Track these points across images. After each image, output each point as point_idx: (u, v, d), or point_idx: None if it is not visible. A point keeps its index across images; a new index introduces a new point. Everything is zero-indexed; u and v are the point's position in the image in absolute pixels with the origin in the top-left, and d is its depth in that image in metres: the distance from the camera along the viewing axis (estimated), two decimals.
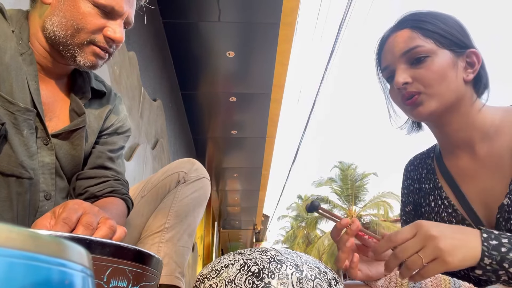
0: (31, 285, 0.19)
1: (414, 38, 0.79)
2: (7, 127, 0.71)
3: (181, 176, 1.00)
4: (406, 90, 0.78)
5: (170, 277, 0.92)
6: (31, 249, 0.20)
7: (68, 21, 0.75)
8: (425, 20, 0.79)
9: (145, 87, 3.09)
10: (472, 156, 0.82)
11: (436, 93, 0.77)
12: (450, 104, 0.78)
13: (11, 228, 0.19)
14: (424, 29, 0.78)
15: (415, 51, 0.78)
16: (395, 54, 0.80)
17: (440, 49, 0.78)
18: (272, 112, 5.29)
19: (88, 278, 0.25)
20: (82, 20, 0.75)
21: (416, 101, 0.78)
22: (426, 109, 0.78)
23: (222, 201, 9.88)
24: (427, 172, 0.93)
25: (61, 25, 0.76)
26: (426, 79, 0.77)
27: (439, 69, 0.76)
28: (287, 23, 3.66)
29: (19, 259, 0.19)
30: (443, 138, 0.86)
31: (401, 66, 0.79)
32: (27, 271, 0.19)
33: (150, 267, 0.47)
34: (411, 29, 0.80)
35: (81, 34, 0.76)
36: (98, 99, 0.93)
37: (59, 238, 0.23)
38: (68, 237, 0.43)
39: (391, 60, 0.82)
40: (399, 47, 0.80)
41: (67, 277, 0.22)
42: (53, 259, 0.21)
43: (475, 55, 0.79)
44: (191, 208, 0.98)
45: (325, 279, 0.66)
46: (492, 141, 0.79)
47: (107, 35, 0.78)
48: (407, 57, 0.79)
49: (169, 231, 0.94)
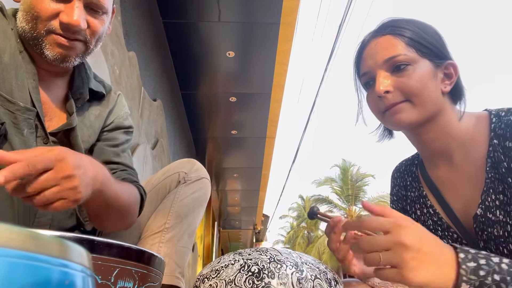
0: (31, 285, 0.19)
1: (396, 46, 0.76)
2: (7, 127, 0.71)
3: (181, 176, 1.00)
4: (386, 99, 0.76)
5: (170, 277, 0.92)
6: (31, 249, 0.20)
7: (27, 13, 0.73)
8: (407, 28, 0.77)
9: (145, 87, 3.09)
10: (450, 165, 0.81)
11: (419, 102, 0.75)
12: (430, 114, 0.76)
13: (11, 228, 0.19)
14: (406, 37, 0.76)
15: (397, 59, 0.75)
16: (377, 60, 0.78)
17: (421, 59, 0.76)
18: (272, 112, 5.29)
19: (88, 278, 0.25)
20: (35, 8, 0.72)
21: (397, 109, 0.76)
22: (407, 118, 0.76)
23: (222, 201, 9.88)
24: (412, 180, 0.92)
25: (24, 18, 0.74)
26: (407, 88, 0.74)
27: (420, 78, 0.74)
28: (287, 23, 3.66)
29: (19, 259, 0.19)
30: (421, 146, 0.85)
31: (381, 73, 0.77)
32: (27, 271, 0.19)
33: (154, 267, 0.48)
34: (394, 36, 0.77)
35: (38, 24, 0.73)
36: (97, 99, 0.93)
37: (59, 238, 0.23)
38: (75, 237, 0.43)
39: (372, 66, 0.79)
40: (381, 53, 0.77)
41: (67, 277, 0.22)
42: (53, 259, 0.21)
43: (452, 66, 0.78)
44: (191, 209, 0.98)
45: (325, 279, 0.66)
46: (467, 149, 0.78)
47: (61, 20, 0.72)
48: (388, 65, 0.77)
49: (169, 232, 0.94)
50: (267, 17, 3.56)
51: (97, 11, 0.77)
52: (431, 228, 0.85)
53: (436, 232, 0.84)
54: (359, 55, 0.85)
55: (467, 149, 0.78)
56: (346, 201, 21.95)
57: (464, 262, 0.55)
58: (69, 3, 0.72)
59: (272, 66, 4.29)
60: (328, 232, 0.72)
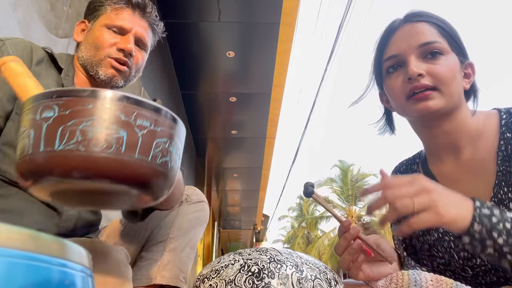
0: (31, 285, 0.19)
1: (433, 33, 0.78)
2: None
3: (183, 198, 1.06)
4: (417, 82, 0.75)
5: (175, 280, 0.96)
6: (31, 249, 0.20)
7: (90, 45, 0.94)
8: (441, 20, 0.80)
9: (145, 87, 3.09)
10: (456, 161, 0.82)
11: (448, 92, 0.75)
12: (453, 106, 0.77)
13: (11, 228, 0.19)
14: (441, 28, 0.78)
15: (434, 45, 0.76)
16: (412, 43, 0.77)
17: (451, 52, 0.78)
18: (272, 112, 5.29)
19: (88, 278, 0.25)
20: (98, 40, 0.93)
21: (425, 96, 0.75)
22: (434, 106, 0.75)
23: (222, 201, 9.88)
24: None
25: (86, 50, 0.94)
26: (440, 75, 0.75)
27: (453, 68, 0.76)
28: (287, 23, 3.67)
29: (19, 259, 0.19)
30: (430, 140, 0.85)
31: (414, 57, 0.77)
32: (27, 271, 0.19)
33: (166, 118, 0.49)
34: (429, 24, 0.79)
35: (99, 51, 0.93)
36: None
37: (59, 238, 0.23)
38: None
39: (404, 49, 0.78)
40: (417, 37, 0.77)
41: (67, 277, 0.22)
42: (53, 259, 0.21)
43: (471, 67, 0.81)
44: (193, 225, 1.04)
45: (325, 279, 0.67)
46: (475, 145, 0.79)
47: (117, 47, 0.93)
48: (422, 50, 0.77)
49: (172, 242, 0.99)
50: (267, 17, 3.56)
51: (141, 47, 0.98)
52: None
53: (438, 229, 0.83)
54: (386, 38, 0.83)
55: (476, 145, 0.79)
56: (346, 201, 21.95)
57: (479, 208, 0.60)
58: (125, 36, 0.94)
59: (272, 66, 4.29)
60: (340, 235, 0.73)
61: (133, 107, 0.45)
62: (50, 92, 0.44)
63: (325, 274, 0.68)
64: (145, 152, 0.45)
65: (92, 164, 0.42)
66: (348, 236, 0.70)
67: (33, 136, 0.42)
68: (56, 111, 0.42)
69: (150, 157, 0.45)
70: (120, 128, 0.44)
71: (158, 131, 0.47)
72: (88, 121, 0.42)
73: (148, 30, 0.99)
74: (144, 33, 0.98)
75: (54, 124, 0.42)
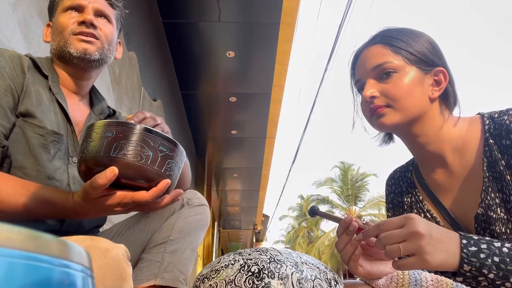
0: (31, 285, 0.19)
1: (384, 54, 0.82)
2: (38, 147, 0.84)
3: (185, 201, 1.08)
4: (373, 104, 0.82)
5: (176, 281, 0.97)
6: (31, 249, 0.20)
7: (56, 33, 0.97)
8: (397, 37, 0.83)
9: (145, 87, 3.09)
10: (445, 169, 0.83)
11: (400, 108, 0.79)
12: (413, 118, 0.80)
13: (11, 228, 0.19)
14: (395, 46, 0.82)
15: (383, 66, 0.81)
16: (366, 68, 0.84)
17: (408, 66, 0.80)
18: (272, 112, 5.29)
19: (88, 278, 0.25)
20: (61, 24, 0.96)
21: (380, 112, 0.81)
22: (389, 121, 0.80)
23: (222, 201, 9.89)
24: (407, 186, 0.94)
25: (54, 40, 0.97)
26: (392, 94, 0.79)
27: (405, 85, 0.79)
28: (287, 23, 3.67)
29: (19, 259, 0.19)
30: (414, 151, 0.88)
31: (370, 81, 0.83)
32: (27, 271, 0.19)
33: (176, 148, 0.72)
34: (382, 45, 0.83)
35: (64, 33, 0.95)
36: (109, 117, 1.09)
37: (59, 238, 0.23)
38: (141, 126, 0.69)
39: (362, 74, 0.86)
40: (370, 62, 0.83)
41: (67, 277, 0.22)
42: (53, 259, 0.21)
43: (442, 73, 0.81)
44: (194, 228, 1.05)
45: (325, 279, 0.67)
46: (461, 153, 0.81)
47: (77, 20, 0.95)
48: (376, 72, 0.82)
49: (173, 244, 1.00)
50: (267, 17, 3.56)
51: (106, 19, 1.00)
52: None
53: None
54: (353, 64, 0.91)
55: (461, 152, 0.81)
56: (346, 201, 21.96)
57: (466, 247, 0.62)
58: (83, 11, 0.96)
59: (272, 66, 4.29)
60: (340, 233, 0.75)
61: (158, 138, 0.69)
62: (112, 121, 0.68)
63: (325, 274, 0.68)
64: (160, 166, 0.69)
65: (129, 167, 0.66)
66: (351, 229, 0.73)
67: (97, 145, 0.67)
68: (114, 133, 0.67)
69: (163, 169, 0.69)
70: (149, 149, 0.67)
71: (170, 155, 0.70)
72: (131, 142, 0.67)
73: (106, 4, 1.02)
74: (103, 5, 1.00)
75: (112, 141, 0.66)
